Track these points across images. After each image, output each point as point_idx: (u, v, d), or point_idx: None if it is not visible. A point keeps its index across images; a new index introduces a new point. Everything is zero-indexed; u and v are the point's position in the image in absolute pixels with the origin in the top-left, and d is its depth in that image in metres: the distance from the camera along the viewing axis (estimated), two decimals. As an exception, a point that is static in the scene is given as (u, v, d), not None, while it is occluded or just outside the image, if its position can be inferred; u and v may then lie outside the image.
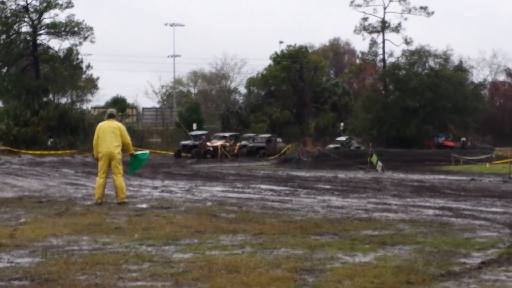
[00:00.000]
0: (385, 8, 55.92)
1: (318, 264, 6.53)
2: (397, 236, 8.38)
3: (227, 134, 46.19)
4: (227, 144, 42.77)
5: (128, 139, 12.88)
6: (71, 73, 52.05)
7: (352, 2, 55.60)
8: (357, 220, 10.02)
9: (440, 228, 9.18)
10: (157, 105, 79.39)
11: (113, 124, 12.68)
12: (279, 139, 48.71)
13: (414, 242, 7.91)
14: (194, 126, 50.51)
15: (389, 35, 56.64)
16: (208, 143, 42.21)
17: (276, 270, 6.20)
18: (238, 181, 20.38)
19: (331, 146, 48.09)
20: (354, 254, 7.07)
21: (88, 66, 55.97)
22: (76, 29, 50.35)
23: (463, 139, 50.83)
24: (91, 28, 50.84)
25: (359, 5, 55.68)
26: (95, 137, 12.72)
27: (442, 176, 23.73)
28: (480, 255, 7.08)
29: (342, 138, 51.41)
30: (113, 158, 12.50)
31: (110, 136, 12.48)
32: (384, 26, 55.92)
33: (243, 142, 46.25)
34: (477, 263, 6.65)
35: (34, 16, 49.96)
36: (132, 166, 13.72)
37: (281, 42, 72.99)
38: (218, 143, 41.90)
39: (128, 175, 15.98)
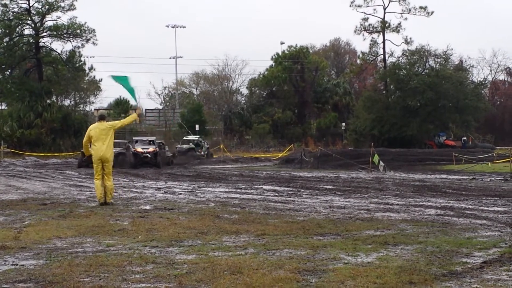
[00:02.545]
0: (385, 9, 56.05)
1: (320, 264, 6.56)
2: (399, 236, 8.40)
3: (151, 139, 36.89)
4: (156, 150, 33.91)
5: (123, 121, 13.74)
6: (73, 75, 52.27)
7: (352, 2, 55.77)
8: (359, 220, 10.04)
9: (442, 227, 9.20)
10: (160, 107, 79.62)
11: (103, 125, 13.16)
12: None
13: (416, 242, 7.94)
14: (197, 127, 50.52)
15: (389, 35, 56.80)
16: (139, 149, 33.54)
17: (279, 271, 6.23)
18: (241, 182, 20.41)
19: (184, 146, 42.43)
20: (356, 255, 7.10)
21: (91, 68, 56.17)
22: (78, 31, 50.49)
23: (464, 138, 50.84)
24: (93, 30, 51.06)
25: (359, 6, 55.86)
26: (85, 138, 13.29)
27: (444, 176, 23.72)
28: (482, 255, 7.10)
29: (194, 137, 45.71)
30: (105, 160, 13.09)
31: (101, 139, 13.00)
32: (384, 26, 55.97)
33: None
34: (479, 262, 6.66)
35: (36, 18, 50.13)
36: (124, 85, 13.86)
37: (282, 43, 73.28)
38: (151, 148, 33.55)
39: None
